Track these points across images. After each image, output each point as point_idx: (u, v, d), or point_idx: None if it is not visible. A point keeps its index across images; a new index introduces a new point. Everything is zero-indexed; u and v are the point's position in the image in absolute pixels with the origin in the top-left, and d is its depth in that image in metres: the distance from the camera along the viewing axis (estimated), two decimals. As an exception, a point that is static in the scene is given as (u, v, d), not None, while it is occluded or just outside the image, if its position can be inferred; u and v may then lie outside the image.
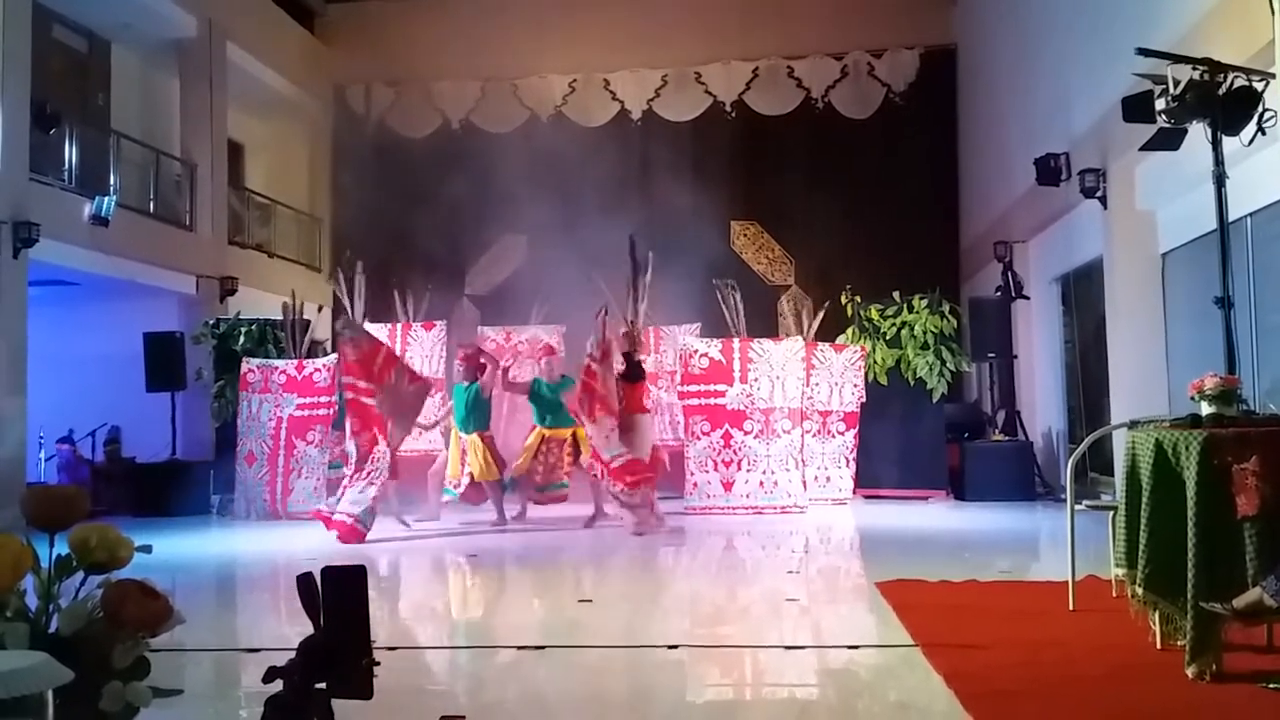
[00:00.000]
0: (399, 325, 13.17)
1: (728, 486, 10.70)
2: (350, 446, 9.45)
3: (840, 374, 11.41)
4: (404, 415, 9.48)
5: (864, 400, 11.69)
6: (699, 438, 10.86)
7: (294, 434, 11.15)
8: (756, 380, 10.89)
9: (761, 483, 10.71)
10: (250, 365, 11.55)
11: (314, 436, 11.08)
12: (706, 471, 10.77)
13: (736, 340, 11.08)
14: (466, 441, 9.95)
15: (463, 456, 10.02)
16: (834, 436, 11.57)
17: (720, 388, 10.91)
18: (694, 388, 11.00)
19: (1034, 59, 12.99)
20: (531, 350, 14.01)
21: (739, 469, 10.77)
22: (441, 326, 13.34)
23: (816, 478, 11.38)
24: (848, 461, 11.63)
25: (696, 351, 11.08)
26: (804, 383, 11.08)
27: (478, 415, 9.99)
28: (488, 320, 15.33)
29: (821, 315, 12.05)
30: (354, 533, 8.77)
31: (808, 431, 11.21)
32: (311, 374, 11.26)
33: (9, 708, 1.90)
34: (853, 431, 11.61)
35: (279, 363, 11.52)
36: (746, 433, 10.79)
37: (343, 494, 9.15)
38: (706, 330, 13.01)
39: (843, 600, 6.44)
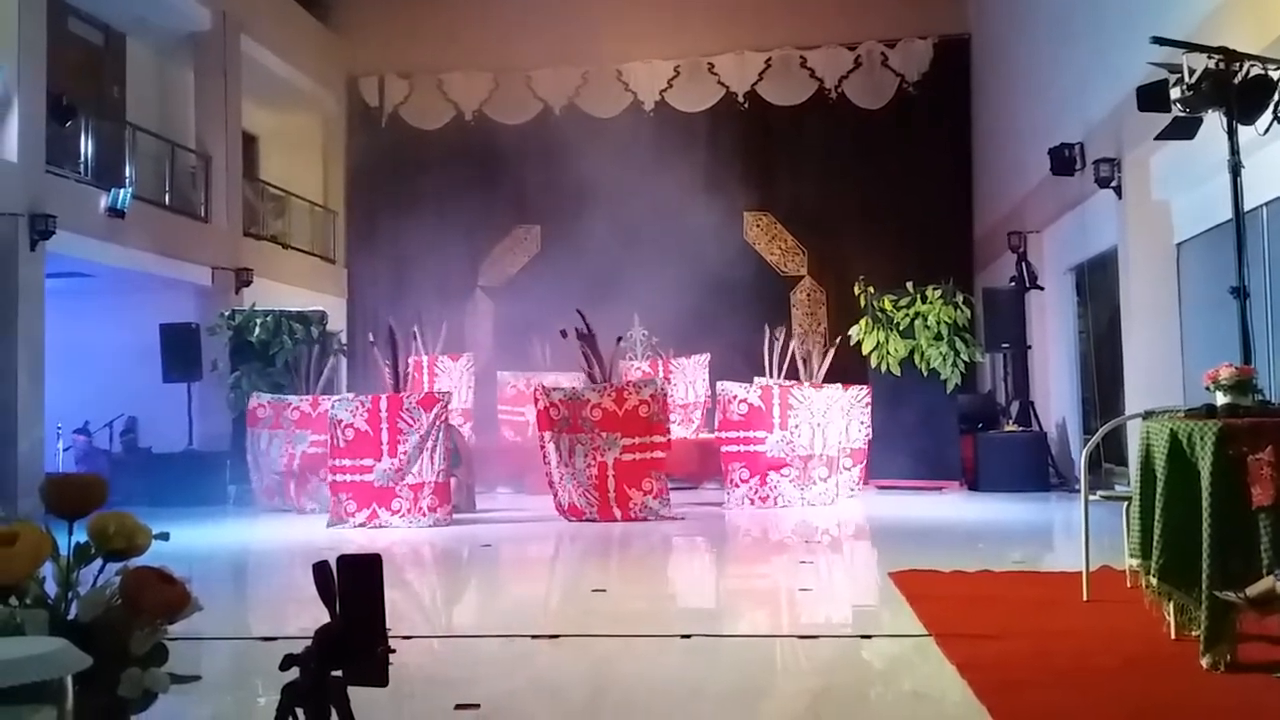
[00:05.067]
0: (425, 358, 13.19)
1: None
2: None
3: (846, 412, 10.94)
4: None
5: (871, 438, 11.54)
6: (738, 485, 10.41)
7: (307, 470, 10.72)
8: (797, 427, 10.47)
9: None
10: (260, 400, 11.28)
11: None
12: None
13: (776, 387, 10.71)
14: None
15: None
16: (842, 473, 10.90)
17: (759, 434, 10.44)
18: (733, 434, 10.50)
19: (1048, 48, 12.93)
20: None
21: (774, 505, 10.36)
22: (469, 357, 13.36)
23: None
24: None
25: (735, 398, 10.55)
26: (844, 429, 10.77)
27: None
28: (500, 315, 15.36)
29: (831, 356, 11.96)
30: None
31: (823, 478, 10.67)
32: (326, 411, 10.27)
33: (29, 693, 1.92)
34: (860, 466, 11.37)
35: (292, 399, 11.22)
36: (784, 478, 10.43)
37: None
38: (717, 352, 13.08)
39: (856, 590, 6.44)
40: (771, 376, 11.42)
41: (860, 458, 11.40)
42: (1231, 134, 4.88)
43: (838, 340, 12.12)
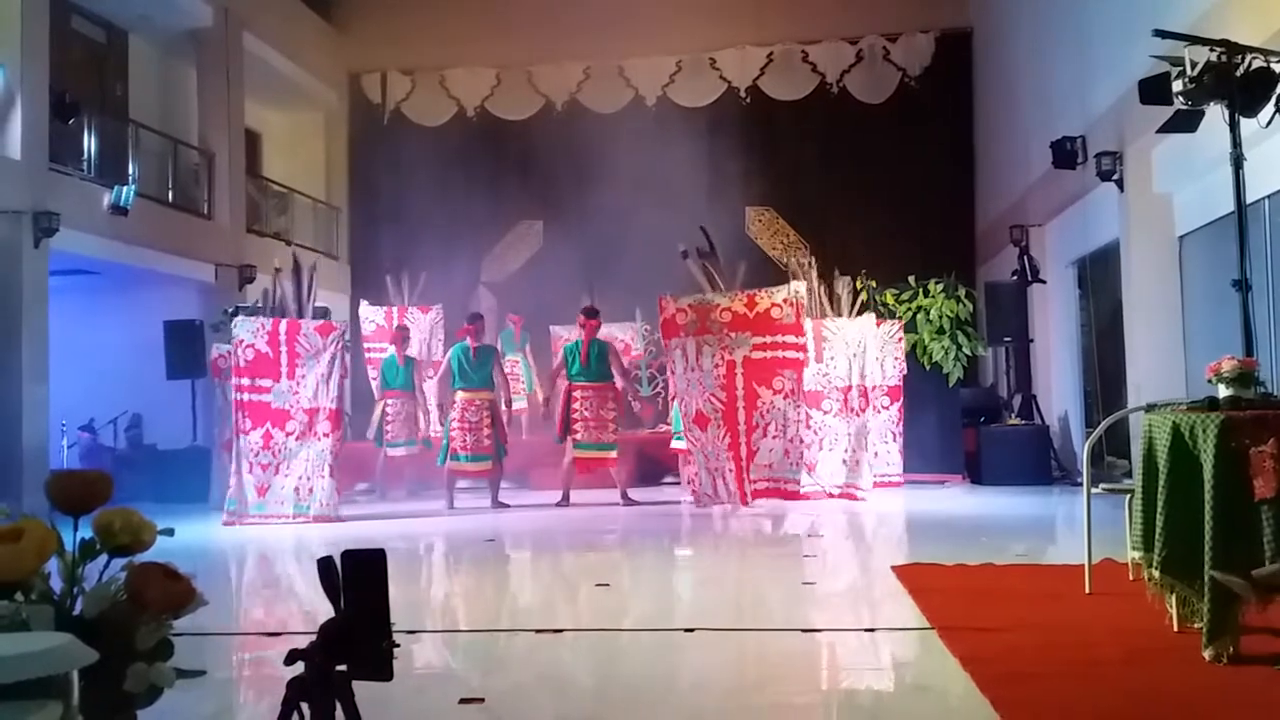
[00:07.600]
0: (395, 309, 13.17)
1: (810, 469, 9.97)
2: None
3: (880, 348, 10.92)
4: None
5: (905, 373, 11.35)
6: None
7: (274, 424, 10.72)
8: (833, 359, 10.37)
9: (843, 460, 10.32)
10: (220, 350, 11.31)
11: (293, 427, 9.76)
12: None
13: (809, 320, 10.29)
14: None
15: None
16: (879, 412, 10.97)
17: None
18: None
19: (1050, 42, 12.92)
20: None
21: (820, 449, 10.21)
22: (438, 310, 13.33)
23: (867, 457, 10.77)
24: (894, 436, 11.24)
25: None
26: (880, 359, 10.71)
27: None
28: (503, 310, 15.36)
29: (861, 296, 11.68)
30: None
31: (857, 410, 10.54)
32: None
33: (36, 688, 1.93)
34: (897, 405, 11.15)
35: None
36: (825, 412, 10.30)
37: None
38: None
39: (859, 584, 6.45)
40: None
41: (897, 395, 11.11)
42: (1233, 127, 4.88)
43: (873, 282, 11.71)
